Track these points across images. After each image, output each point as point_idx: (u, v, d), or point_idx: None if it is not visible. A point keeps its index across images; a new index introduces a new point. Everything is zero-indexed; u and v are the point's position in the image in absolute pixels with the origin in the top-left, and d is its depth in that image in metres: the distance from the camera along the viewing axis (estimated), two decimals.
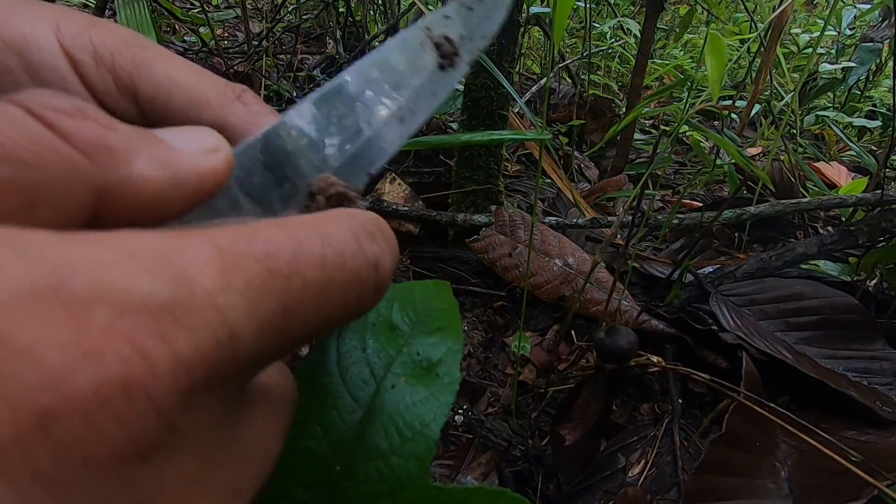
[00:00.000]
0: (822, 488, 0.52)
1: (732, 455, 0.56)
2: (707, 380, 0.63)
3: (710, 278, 0.83)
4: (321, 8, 1.64)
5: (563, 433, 0.62)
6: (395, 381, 0.31)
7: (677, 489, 0.57)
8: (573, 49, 2.19)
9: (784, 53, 1.61)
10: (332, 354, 0.32)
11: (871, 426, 0.60)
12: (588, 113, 1.60)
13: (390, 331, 0.34)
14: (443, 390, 0.31)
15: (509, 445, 0.65)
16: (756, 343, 0.68)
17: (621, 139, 1.34)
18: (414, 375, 0.32)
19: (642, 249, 1.02)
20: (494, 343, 0.83)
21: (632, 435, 0.64)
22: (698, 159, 1.66)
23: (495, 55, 0.90)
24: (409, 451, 0.29)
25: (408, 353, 0.33)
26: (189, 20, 1.70)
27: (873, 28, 1.60)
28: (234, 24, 2.12)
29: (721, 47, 0.63)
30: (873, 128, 1.74)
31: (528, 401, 0.73)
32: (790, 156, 1.20)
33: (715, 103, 0.66)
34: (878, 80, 2.01)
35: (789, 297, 0.76)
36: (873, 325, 0.71)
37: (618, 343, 0.60)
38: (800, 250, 0.85)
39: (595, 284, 0.81)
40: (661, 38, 2.50)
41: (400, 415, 0.30)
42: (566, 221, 0.96)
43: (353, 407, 0.30)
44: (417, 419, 0.30)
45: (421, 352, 0.33)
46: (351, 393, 0.31)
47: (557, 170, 1.09)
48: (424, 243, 0.99)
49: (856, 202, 0.95)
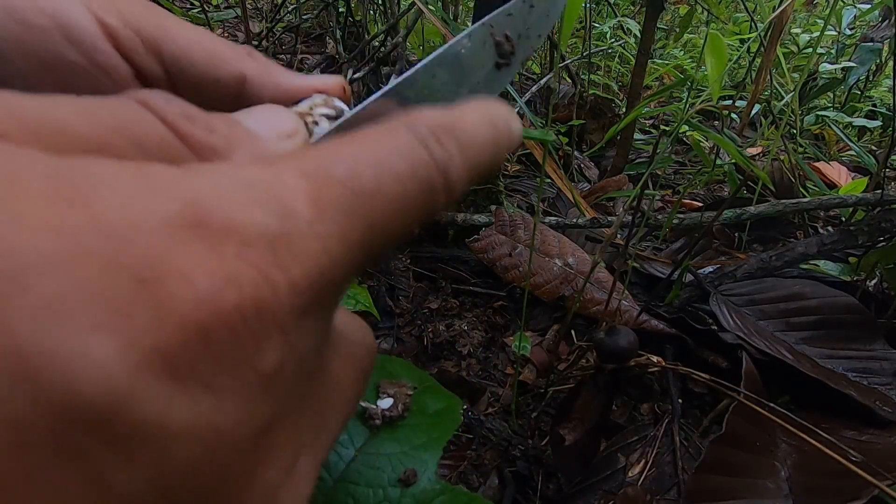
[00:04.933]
0: (822, 488, 0.52)
1: (732, 455, 0.56)
2: (707, 380, 0.63)
3: (710, 278, 0.83)
4: (321, 8, 1.64)
5: (563, 433, 0.62)
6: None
7: (677, 489, 0.57)
8: (573, 49, 2.19)
9: (784, 53, 1.60)
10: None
11: (871, 426, 0.60)
12: (588, 113, 1.60)
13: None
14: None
15: (509, 445, 0.65)
16: (756, 343, 0.68)
17: (621, 139, 1.34)
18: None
19: (642, 249, 1.02)
20: (494, 343, 0.83)
21: (632, 435, 0.64)
22: (698, 159, 1.66)
23: None
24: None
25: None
26: (189, 20, 1.69)
27: (873, 28, 1.60)
28: (234, 24, 2.12)
29: (721, 47, 0.63)
30: (873, 128, 1.74)
31: (528, 401, 0.73)
32: (790, 156, 1.20)
33: (715, 103, 0.66)
34: (878, 80, 2.01)
35: (789, 297, 0.76)
36: (873, 325, 0.71)
37: (618, 343, 0.60)
38: (800, 250, 0.85)
39: (595, 284, 0.81)
40: (661, 38, 2.50)
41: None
42: (566, 221, 0.96)
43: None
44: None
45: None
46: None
47: (557, 170, 1.09)
48: (424, 243, 0.99)
49: (856, 202, 0.95)
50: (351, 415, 0.19)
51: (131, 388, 0.10)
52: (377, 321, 0.81)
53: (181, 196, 0.12)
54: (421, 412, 0.42)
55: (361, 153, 0.15)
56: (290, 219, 0.13)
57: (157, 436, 0.11)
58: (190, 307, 0.11)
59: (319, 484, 0.36)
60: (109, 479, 0.11)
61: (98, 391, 0.10)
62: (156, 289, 0.11)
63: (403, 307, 0.86)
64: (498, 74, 0.24)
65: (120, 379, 0.10)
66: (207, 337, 0.11)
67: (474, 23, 0.42)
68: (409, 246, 0.98)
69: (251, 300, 0.12)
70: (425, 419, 0.41)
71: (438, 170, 0.16)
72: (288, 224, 0.13)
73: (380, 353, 0.79)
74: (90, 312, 0.10)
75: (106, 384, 0.10)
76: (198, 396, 0.11)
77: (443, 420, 0.41)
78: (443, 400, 0.43)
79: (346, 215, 0.14)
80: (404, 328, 0.83)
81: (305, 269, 0.13)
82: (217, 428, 0.12)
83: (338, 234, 0.14)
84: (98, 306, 0.10)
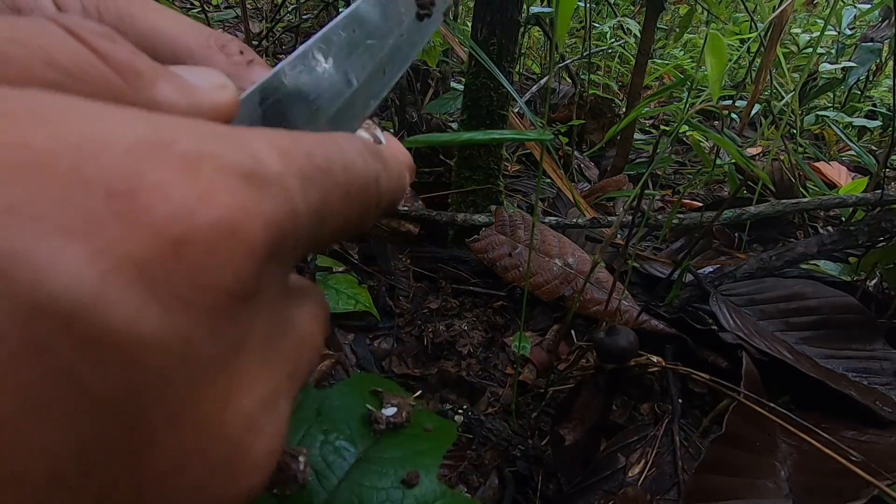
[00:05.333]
0: (822, 488, 0.52)
1: (732, 455, 0.55)
2: (707, 380, 0.63)
3: (710, 278, 0.83)
4: (321, 8, 1.64)
5: (563, 433, 0.62)
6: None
7: (677, 489, 0.57)
8: (573, 49, 2.19)
9: (784, 53, 1.60)
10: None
11: (871, 426, 0.60)
12: (588, 113, 1.60)
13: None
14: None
15: (509, 445, 0.65)
16: (756, 343, 0.68)
17: (621, 139, 1.34)
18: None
19: (642, 249, 1.02)
20: (494, 343, 0.83)
21: (632, 435, 0.64)
22: (698, 159, 1.66)
23: (495, 55, 0.90)
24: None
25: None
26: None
27: (873, 28, 1.60)
28: (235, 24, 2.12)
29: (721, 47, 0.63)
30: (873, 128, 1.74)
31: (528, 401, 0.73)
32: (790, 156, 1.20)
33: (715, 103, 0.66)
34: (878, 80, 2.01)
35: (789, 297, 0.76)
36: (873, 325, 0.71)
37: (618, 343, 0.60)
38: (800, 250, 0.84)
39: (595, 284, 0.81)
40: (661, 38, 2.50)
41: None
42: (566, 221, 0.96)
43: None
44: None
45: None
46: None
47: (557, 170, 1.09)
48: (424, 243, 0.99)
49: (856, 202, 0.95)
50: (315, 364, 0.20)
51: (102, 292, 0.11)
52: (377, 321, 0.81)
53: (151, 123, 0.12)
54: (420, 426, 0.44)
55: (316, 140, 0.16)
56: (262, 164, 0.14)
57: (128, 341, 0.11)
58: (165, 220, 0.11)
59: (324, 483, 0.37)
60: (80, 379, 0.11)
61: (67, 292, 0.10)
62: (128, 201, 0.11)
63: (403, 307, 0.86)
64: (420, 26, 0.25)
65: (90, 282, 0.11)
66: (182, 250, 0.12)
67: (475, 20, 0.42)
68: (409, 246, 0.97)
69: (226, 221, 0.12)
70: (425, 431, 0.43)
71: (373, 176, 0.18)
72: (260, 167, 0.14)
73: (380, 354, 0.79)
74: (57, 218, 0.10)
75: (75, 286, 0.10)
76: (170, 308, 0.12)
77: (441, 433, 0.43)
78: (437, 421, 0.45)
79: (307, 180, 0.15)
80: (404, 328, 0.83)
81: (274, 209, 0.13)
82: (188, 340, 0.12)
83: (300, 191, 0.15)
84: (66, 213, 0.11)
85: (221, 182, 0.13)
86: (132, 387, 0.11)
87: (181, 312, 0.12)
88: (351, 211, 0.17)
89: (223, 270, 0.12)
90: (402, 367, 0.78)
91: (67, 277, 0.10)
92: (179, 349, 0.12)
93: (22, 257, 0.10)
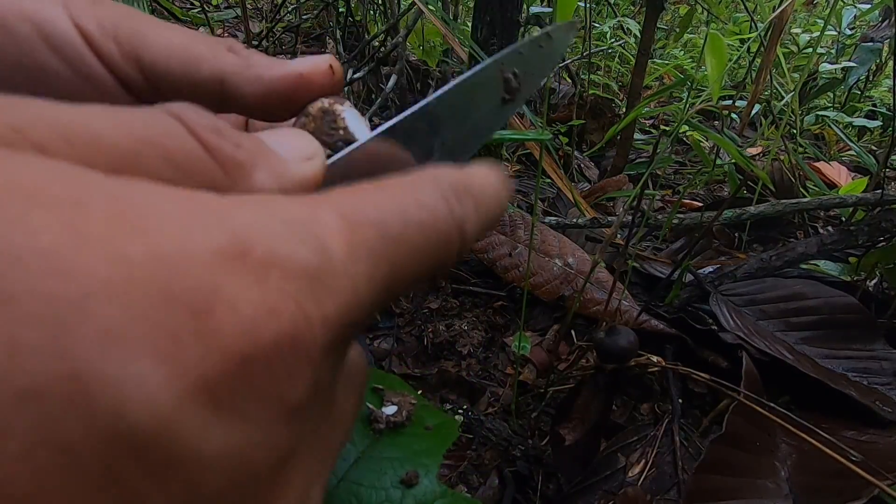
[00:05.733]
0: (822, 488, 0.52)
1: (732, 455, 0.55)
2: (707, 380, 0.63)
3: (710, 278, 0.83)
4: (321, 8, 1.64)
5: (563, 433, 0.62)
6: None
7: (677, 489, 0.57)
8: (573, 49, 2.19)
9: (784, 53, 1.60)
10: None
11: (871, 426, 0.60)
12: (588, 113, 1.60)
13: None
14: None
15: (509, 445, 0.65)
16: (756, 343, 0.68)
17: (621, 139, 1.34)
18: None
19: (642, 249, 1.02)
20: (494, 343, 0.83)
21: (632, 435, 0.64)
22: (698, 159, 1.66)
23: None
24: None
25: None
26: (189, 20, 1.70)
27: (873, 28, 1.60)
28: (234, 25, 2.12)
29: (721, 47, 0.63)
30: (873, 128, 1.74)
31: (528, 401, 0.73)
32: (790, 156, 1.20)
33: (715, 103, 0.66)
34: (878, 80, 2.01)
35: (789, 297, 0.76)
36: (873, 325, 0.71)
37: (618, 343, 0.60)
38: (800, 250, 0.84)
39: (595, 284, 0.81)
40: (661, 38, 2.50)
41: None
42: (566, 221, 0.96)
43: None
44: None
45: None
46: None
47: (557, 170, 1.09)
48: None
49: (856, 202, 0.95)
50: (346, 442, 0.19)
51: (176, 416, 0.11)
52: (377, 321, 0.81)
53: (228, 227, 0.13)
54: (420, 425, 0.43)
55: (391, 201, 0.16)
56: (327, 256, 0.14)
57: (192, 463, 0.11)
58: (234, 338, 0.12)
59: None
60: (143, 501, 0.11)
61: (146, 418, 0.10)
62: (206, 319, 0.11)
63: (403, 307, 0.86)
64: (502, 110, 0.25)
65: (167, 407, 0.11)
66: (246, 367, 0.12)
67: (475, 20, 0.42)
68: None
69: (288, 333, 0.12)
70: (425, 431, 0.43)
71: (456, 224, 0.17)
72: (325, 261, 0.13)
73: (380, 354, 0.79)
74: (146, 341, 0.11)
75: (154, 411, 0.10)
76: (232, 425, 0.12)
77: (442, 432, 0.43)
78: (439, 417, 0.44)
79: (375, 258, 0.15)
80: (404, 328, 0.83)
81: (337, 306, 0.13)
82: (245, 457, 0.12)
83: (366, 274, 0.14)
84: (154, 335, 0.11)
85: (288, 289, 0.13)
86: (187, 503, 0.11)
87: (240, 429, 0.12)
88: (425, 265, 0.16)
89: (282, 385, 0.13)
90: (402, 367, 0.78)
91: (151, 405, 0.10)
92: (236, 466, 0.12)
93: (112, 383, 0.10)
